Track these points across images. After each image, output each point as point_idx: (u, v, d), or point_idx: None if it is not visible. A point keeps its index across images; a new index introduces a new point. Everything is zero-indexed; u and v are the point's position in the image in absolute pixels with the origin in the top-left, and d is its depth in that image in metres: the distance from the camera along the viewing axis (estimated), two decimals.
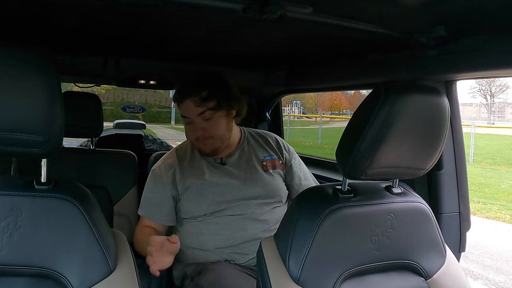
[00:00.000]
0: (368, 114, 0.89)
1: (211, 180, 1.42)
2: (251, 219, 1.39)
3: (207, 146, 1.41)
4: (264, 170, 1.48)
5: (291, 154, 1.56)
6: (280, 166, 1.51)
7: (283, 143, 1.58)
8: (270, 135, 1.59)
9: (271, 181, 1.47)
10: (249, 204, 1.41)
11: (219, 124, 1.38)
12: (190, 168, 1.45)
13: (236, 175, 1.44)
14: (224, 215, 1.39)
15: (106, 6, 1.06)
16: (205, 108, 1.35)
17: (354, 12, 1.03)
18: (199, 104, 1.35)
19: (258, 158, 1.49)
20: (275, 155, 1.52)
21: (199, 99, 1.34)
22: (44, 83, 0.73)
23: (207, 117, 1.36)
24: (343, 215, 0.96)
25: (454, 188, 1.38)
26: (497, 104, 34.80)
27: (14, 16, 1.26)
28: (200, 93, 1.34)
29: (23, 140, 0.73)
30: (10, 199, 0.79)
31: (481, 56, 1.06)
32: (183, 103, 1.37)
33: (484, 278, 3.87)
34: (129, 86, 2.56)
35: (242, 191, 1.42)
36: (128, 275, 0.86)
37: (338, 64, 1.73)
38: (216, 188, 1.41)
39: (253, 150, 1.51)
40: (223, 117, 1.39)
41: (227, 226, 1.39)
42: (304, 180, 1.55)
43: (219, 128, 1.39)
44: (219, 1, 0.94)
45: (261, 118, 2.54)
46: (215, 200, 1.40)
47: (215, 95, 1.35)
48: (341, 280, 0.94)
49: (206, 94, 1.34)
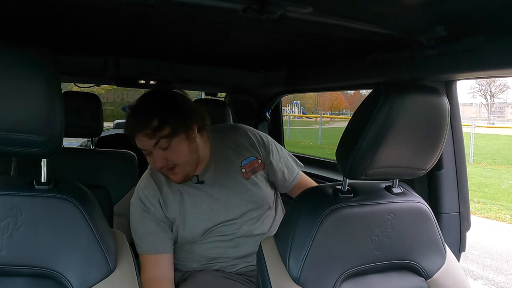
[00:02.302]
0: (368, 114, 0.89)
1: (194, 208, 1.32)
2: (243, 237, 1.34)
3: (176, 175, 1.28)
4: (245, 179, 1.37)
5: (267, 148, 1.42)
6: (260, 167, 1.40)
7: (257, 137, 1.44)
8: (240, 131, 1.44)
9: (256, 190, 1.37)
10: (238, 223, 1.33)
11: (179, 150, 1.24)
12: (170, 196, 1.33)
13: (218, 195, 1.34)
14: (214, 236, 1.33)
15: (107, 6, 1.06)
16: (158, 138, 1.21)
17: (354, 12, 1.03)
18: (151, 136, 1.20)
19: (235, 166, 1.37)
20: (251, 156, 1.39)
21: (150, 130, 1.20)
22: (44, 83, 0.73)
23: (164, 146, 1.22)
24: (343, 215, 0.96)
25: (454, 188, 1.38)
26: (497, 104, 34.80)
27: (14, 16, 1.26)
28: (150, 124, 1.19)
29: (23, 140, 0.73)
30: (10, 199, 0.79)
31: (481, 56, 1.06)
32: (135, 136, 1.24)
33: (484, 278, 3.87)
34: (129, 86, 2.56)
35: (229, 212, 1.33)
36: (128, 275, 0.86)
37: (338, 64, 1.73)
38: (201, 216, 1.32)
39: (227, 158, 1.37)
40: (183, 141, 1.25)
41: (218, 246, 1.33)
42: (287, 172, 1.45)
43: (181, 154, 1.25)
44: (219, 1, 0.94)
45: (261, 118, 2.54)
46: (203, 227, 1.33)
47: (167, 121, 1.20)
48: (341, 280, 0.94)
49: (157, 123, 1.19)
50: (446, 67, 1.18)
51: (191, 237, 1.33)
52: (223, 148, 1.39)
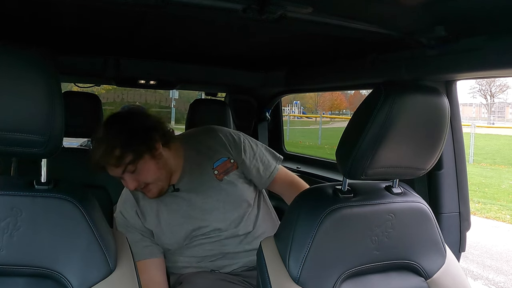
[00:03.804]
0: (368, 114, 0.90)
1: (171, 215, 1.34)
2: (228, 238, 1.35)
3: (151, 192, 1.30)
4: (219, 180, 1.37)
5: (238, 147, 1.41)
6: (233, 167, 1.39)
7: (228, 137, 1.43)
8: (211, 134, 1.44)
9: (231, 190, 1.37)
10: (220, 226, 1.34)
11: (147, 170, 1.26)
12: (147, 208, 1.36)
13: (194, 200, 1.35)
14: (199, 239, 1.34)
15: (106, 6, 1.06)
16: (124, 165, 1.23)
17: (354, 12, 1.03)
18: (117, 165, 1.23)
19: (207, 169, 1.37)
20: (223, 157, 1.38)
21: (115, 160, 1.22)
22: (44, 83, 0.73)
23: (131, 170, 1.25)
24: (343, 215, 0.96)
25: (454, 188, 1.38)
26: (497, 104, 34.79)
27: (14, 16, 1.26)
28: (113, 155, 1.22)
29: (23, 140, 0.73)
30: (10, 199, 0.79)
31: (481, 56, 1.06)
32: (103, 168, 1.26)
33: (484, 278, 3.87)
34: (129, 86, 2.56)
35: (206, 216, 1.34)
36: (128, 275, 0.86)
37: (338, 64, 1.73)
38: (179, 221, 1.34)
39: (200, 163, 1.38)
40: (149, 161, 1.26)
41: (205, 248, 1.34)
42: (263, 168, 1.43)
43: (150, 173, 1.27)
44: (219, 1, 0.94)
45: (261, 118, 2.54)
46: (183, 232, 1.34)
47: (128, 148, 1.22)
48: (341, 280, 0.94)
49: (119, 152, 1.21)
50: (446, 67, 1.18)
51: (174, 243, 1.35)
52: (195, 154, 1.39)
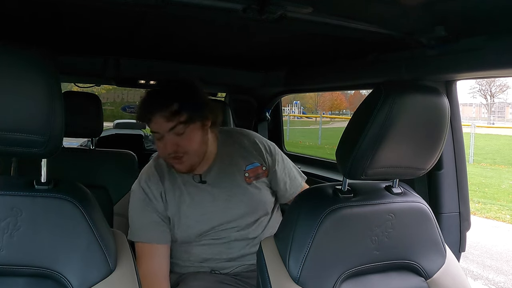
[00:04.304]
0: (368, 114, 0.89)
1: (192, 208, 1.32)
2: (238, 240, 1.34)
3: (182, 165, 1.28)
4: (247, 183, 1.37)
5: (273, 157, 1.43)
6: (263, 174, 1.40)
7: (264, 145, 1.45)
8: (248, 137, 1.45)
9: (256, 195, 1.37)
10: (234, 225, 1.34)
11: (193, 138, 1.25)
12: (170, 193, 1.33)
13: (219, 196, 1.34)
14: (209, 239, 1.34)
15: (107, 6, 1.06)
16: (176, 122, 1.22)
17: (354, 12, 1.03)
18: (169, 119, 1.22)
19: (239, 169, 1.37)
20: (257, 162, 1.39)
21: (169, 113, 1.21)
22: (44, 83, 0.73)
23: (180, 132, 1.23)
24: (343, 215, 0.96)
25: (454, 188, 1.38)
26: (497, 104, 34.79)
27: (14, 16, 1.26)
28: (170, 107, 1.21)
29: (23, 140, 0.73)
30: (10, 199, 0.79)
31: (481, 56, 1.06)
32: (152, 118, 1.24)
33: (484, 278, 3.87)
34: (129, 86, 2.56)
35: (226, 213, 1.33)
36: (128, 275, 0.86)
37: (338, 64, 1.73)
38: (198, 217, 1.32)
39: (232, 161, 1.38)
40: (197, 130, 1.26)
41: (213, 247, 1.34)
42: (289, 183, 1.45)
43: (193, 143, 1.26)
44: (219, 1, 0.94)
45: (261, 118, 2.54)
46: (198, 229, 1.33)
47: (186, 108, 1.22)
48: (341, 280, 0.94)
49: (176, 107, 1.21)
50: (446, 67, 1.18)
51: (186, 237, 1.34)
52: (229, 149, 1.39)
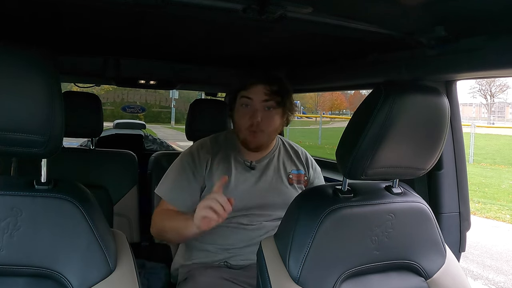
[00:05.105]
0: (368, 114, 0.89)
1: (236, 185, 1.41)
2: (259, 229, 1.39)
3: (256, 139, 1.40)
4: (289, 183, 1.48)
5: (316, 173, 1.58)
6: (304, 182, 1.52)
7: (311, 161, 1.60)
8: (301, 150, 1.61)
9: (294, 196, 1.41)
10: (267, 212, 1.41)
11: (274, 119, 1.40)
12: (220, 167, 1.42)
13: (261, 182, 1.44)
14: (235, 222, 1.38)
15: (107, 6, 1.06)
16: (272, 98, 1.38)
17: (354, 12, 1.03)
18: (269, 94, 1.38)
19: (285, 169, 1.50)
20: (302, 170, 1.53)
21: (270, 88, 1.38)
22: (44, 83, 0.73)
23: (270, 106, 1.38)
24: (343, 215, 0.96)
25: (454, 188, 1.38)
26: (497, 104, 34.81)
27: (14, 16, 1.26)
28: (273, 85, 1.39)
29: (23, 140, 0.73)
30: (10, 199, 0.79)
31: (481, 56, 1.06)
32: (254, 85, 1.39)
33: (484, 278, 3.87)
34: (129, 86, 2.57)
35: (263, 199, 1.42)
36: (128, 275, 0.86)
37: (338, 64, 1.73)
38: (238, 193, 1.39)
39: (282, 160, 1.51)
40: (279, 115, 1.41)
41: (235, 231, 1.38)
42: None
43: (272, 124, 1.40)
44: (219, 1, 0.94)
45: None
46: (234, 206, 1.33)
47: (282, 93, 1.39)
48: (341, 280, 0.94)
49: (276, 87, 1.38)
50: (446, 67, 1.18)
51: None
52: (283, 151, 1.54)
